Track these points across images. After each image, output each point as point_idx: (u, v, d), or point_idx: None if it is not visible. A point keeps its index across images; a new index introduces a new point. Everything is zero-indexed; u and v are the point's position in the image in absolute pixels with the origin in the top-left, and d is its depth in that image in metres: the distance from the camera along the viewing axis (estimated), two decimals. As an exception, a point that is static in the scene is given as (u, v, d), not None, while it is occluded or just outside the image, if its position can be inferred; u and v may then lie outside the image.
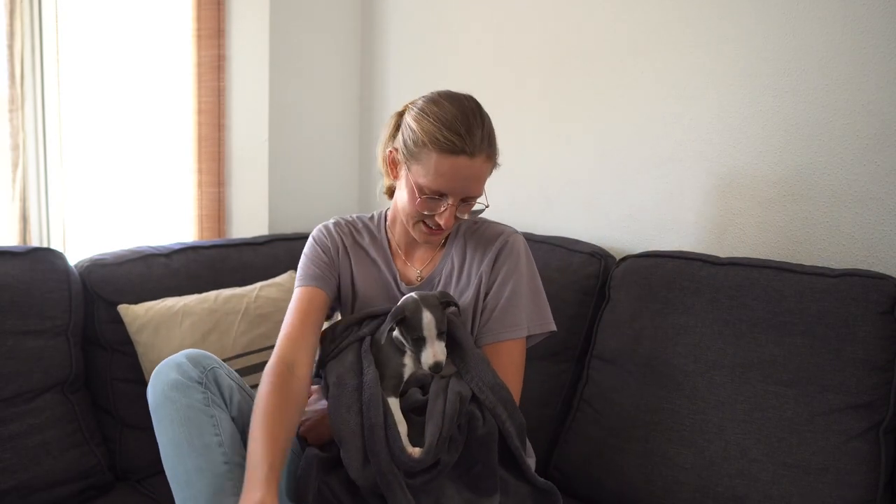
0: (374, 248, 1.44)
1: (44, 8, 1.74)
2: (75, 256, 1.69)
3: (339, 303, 1.45)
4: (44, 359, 1.50)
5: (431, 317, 1.24)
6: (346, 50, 2.30)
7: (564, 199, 1.90)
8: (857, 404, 1.29)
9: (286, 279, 1.83)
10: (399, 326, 1.27)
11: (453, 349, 1.29)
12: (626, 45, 1.75)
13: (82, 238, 1.91)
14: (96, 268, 1.64)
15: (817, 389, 1.31)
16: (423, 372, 1.27)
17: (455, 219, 1.31)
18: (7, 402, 1.43)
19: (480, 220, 1.45)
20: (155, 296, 1.66)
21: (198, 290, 1.72)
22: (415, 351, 1.27)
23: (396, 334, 1.29)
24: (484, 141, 1.27)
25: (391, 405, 1.23)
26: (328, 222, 1.47)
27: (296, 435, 1.28)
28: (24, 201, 1.74)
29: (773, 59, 1.54)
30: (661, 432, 1.43)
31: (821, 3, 1.47)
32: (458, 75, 2.10)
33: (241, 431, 1.23)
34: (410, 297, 1.28)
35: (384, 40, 2.28)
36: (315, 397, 1.41)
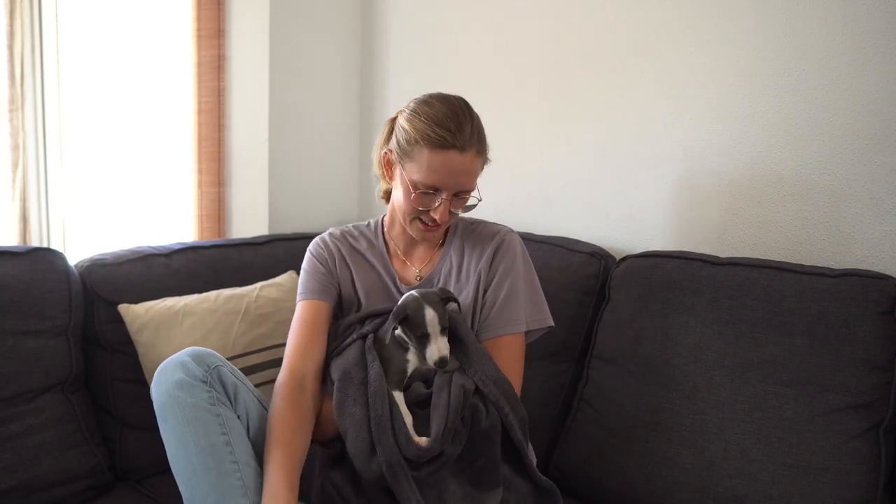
0: (371, 252, 1.47)
1: (44, 8, 1.74)
2: (75, 256, 1.69)
3: (341, 310, 1.47)
4: (44, 359, 1.50)
5: (434, 313, 1.25)
6: (346, 50, 2.31)
7: (564, 199, 1.90)
8: (857, 404, 1.29)
9: (286, 279, 1.83)
10: (402, 325, 1.28)
11: (455, 345, 1.30)
12: (626, 45, 1.75)
13: (82, 238, 1.91)
14: (96, 268, 1.64)
15: (817, 389, 1.31)
16: (427, 367, 1.28)
17: (450, 214, 1.34)
18: (7, 402, 1.43)
19: (477, 220, 1.49)
20: (155, 296, 1.66)
21: (198, 290, 1.72)
22: (419, 348, 1.28)
23: (399, 333, 1.30)
24: (473, 136, 1.31)
25: (396, 398, 1.24)
26: (324, 234, 1.50)
27: None
28: (24, 201, 1.74)
29: (773, 59, 1.54)
30: (661, 432, 1.43)
31: (821, 3, 1.47)
32: (458, 75, 2.10)
33: (247, 429, 1.24)
34: (411, 295, 1.29)
35: (384, 40, 2.28)
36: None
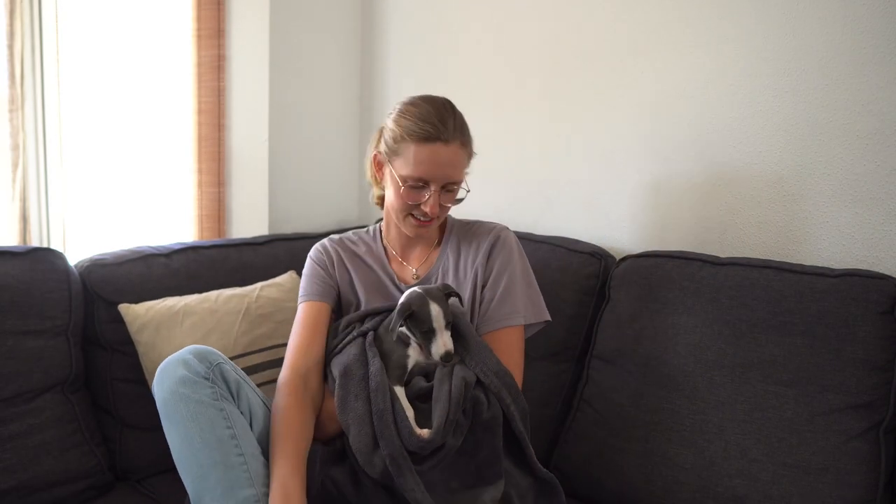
0: (369, 255, 1.51)
1: (44, 8, 1.74)
2: (75, 256, 1.69)
3: (340, 311, 1.49)
4: (44, 359, 1.50)
5: (439, 308, 1.27)
6: (346, 50, 2.31)
7: (564, 199, 1.90)
8: (857, 404, 1.29)
9: (286, 279, 1.83)
10: (407, 321, 1.28)
11: (456, 338, 1.31)
12: (626, 45, 1.75)
13: (82, 238, 1.91)
14: (96, 268, 1.64)
15: (817, 389, 1.31)
16: (426, 362, 1.29)
17: (441, 207, 1.37)
18: (7, 402, 1.43)
19: (472, 220, 1.53)
20: (155, 296, 1.66)
21: (198, 290, 1.72)
22: (424, 343, 1.28)
23: (403, 330, 1.30)
24: (457, 129, 1.36)
25: (397, 393, 1.24)
26: (323, 240, 1.54)
27: None
28: (24, 201, 1.74)
29: (773, 59, 1.54)
30: (661, 432, 1.43)
31: (821, 3, 1.47)
32: (458, 75, 2.10)
33: (251, 425, 1.25)
34: (414, 291, 1.30)
35: (384, 40, 2.28)
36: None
